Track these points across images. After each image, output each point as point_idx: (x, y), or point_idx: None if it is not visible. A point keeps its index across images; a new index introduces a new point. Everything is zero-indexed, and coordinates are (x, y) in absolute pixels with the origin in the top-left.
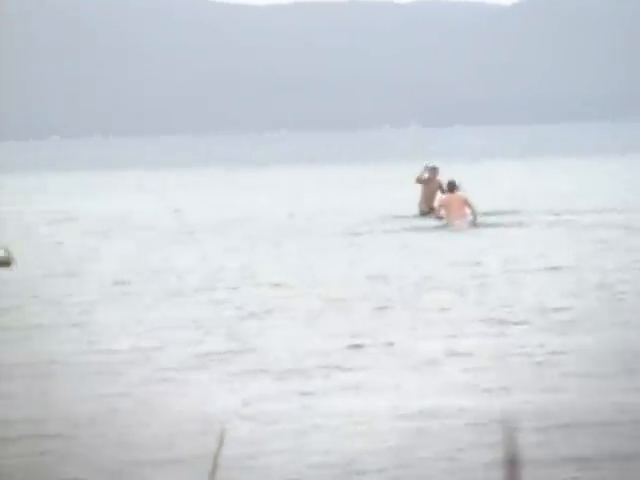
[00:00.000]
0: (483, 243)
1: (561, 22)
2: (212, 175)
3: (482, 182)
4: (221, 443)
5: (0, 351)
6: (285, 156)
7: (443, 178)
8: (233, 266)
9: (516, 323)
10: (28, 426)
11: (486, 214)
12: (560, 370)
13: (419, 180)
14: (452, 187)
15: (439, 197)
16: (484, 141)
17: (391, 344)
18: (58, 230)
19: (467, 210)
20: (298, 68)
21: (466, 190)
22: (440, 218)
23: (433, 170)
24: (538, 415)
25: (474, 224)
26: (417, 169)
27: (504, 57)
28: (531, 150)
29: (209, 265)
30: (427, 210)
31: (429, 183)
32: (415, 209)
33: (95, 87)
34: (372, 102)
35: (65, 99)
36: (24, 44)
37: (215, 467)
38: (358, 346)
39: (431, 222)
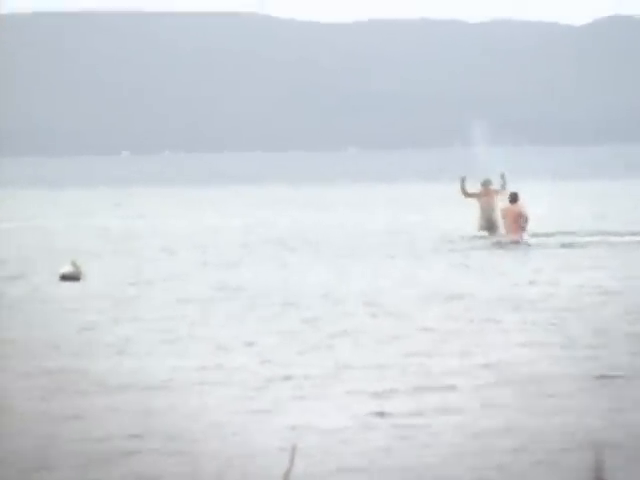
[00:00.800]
0: (556, 262)
1: (633, 42)
2: (284, 192)
3: (552, 202)
4: (292, 462)
5: (95, 367)
6: (355, 174)
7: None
8: (324, 279)
9: (597, 346)
10: (124, 442)
11: (559, 234)
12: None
13: (465, 193)
14: (513, 199)
15: (500, 208)
16: (555, 161)
17: (488, 365)
18: (149, 244)
19: (521, 222)
20: (366, 85)
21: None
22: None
23: (485, 183)
24: (627, 436)
25: (527, 234)
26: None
27: (575, 77)
28: (601, 171)
29: (297, 277)
30: (486, 225)
31: (484, 197)
32: (476, 226)
33: (165, 104)
34: (440, 120)
35: (135, 115)
36: (98, 60)
37: None
38: (451, 365)
39: (493, 239)
